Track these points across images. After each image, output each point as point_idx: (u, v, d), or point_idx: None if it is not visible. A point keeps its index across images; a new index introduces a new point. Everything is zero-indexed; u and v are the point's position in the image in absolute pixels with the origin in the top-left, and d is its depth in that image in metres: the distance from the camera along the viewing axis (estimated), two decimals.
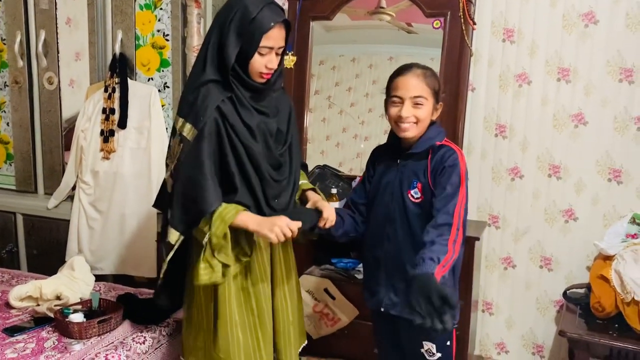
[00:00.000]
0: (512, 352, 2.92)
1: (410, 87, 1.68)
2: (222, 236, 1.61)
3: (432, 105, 1.69)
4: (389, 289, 1.77)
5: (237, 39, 1.64)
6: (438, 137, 1.71)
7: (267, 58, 1.66)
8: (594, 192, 2.66)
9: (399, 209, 1.70)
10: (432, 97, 1.69)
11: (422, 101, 1.67)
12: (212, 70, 1.67)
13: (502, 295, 2.90)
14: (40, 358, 1.83)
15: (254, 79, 1.70)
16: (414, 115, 1.68)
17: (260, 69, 1.67)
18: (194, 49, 2.74)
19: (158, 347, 2.02)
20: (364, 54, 3.13)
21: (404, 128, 1.70)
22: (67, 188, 3.00)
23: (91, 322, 1.96)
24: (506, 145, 2.78)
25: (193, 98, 1.67)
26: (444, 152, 1.67)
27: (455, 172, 1.64)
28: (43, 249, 3.14)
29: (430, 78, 1.68)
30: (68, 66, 3.04)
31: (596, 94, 2.60)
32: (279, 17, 1.66)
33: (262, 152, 1.70)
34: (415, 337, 1.79)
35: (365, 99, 3.10)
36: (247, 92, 1.70)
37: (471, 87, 2.77)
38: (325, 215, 1.72)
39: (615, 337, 2.22)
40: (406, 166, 1.74)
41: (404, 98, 1.68)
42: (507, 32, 2.71)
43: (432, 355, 1.77)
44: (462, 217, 1.64)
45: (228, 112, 1.66)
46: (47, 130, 3.09)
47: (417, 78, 1.67)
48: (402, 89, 1.68)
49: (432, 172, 1.67)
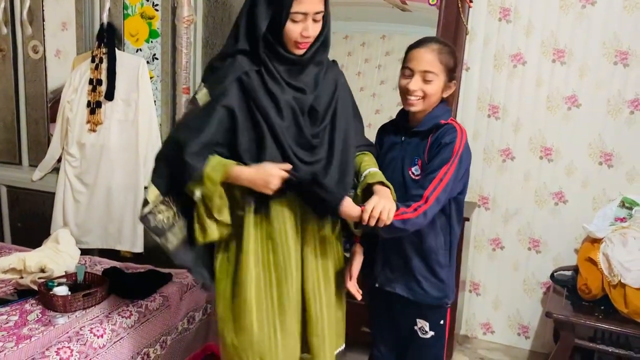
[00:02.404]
0: (497, 332, 2.95)
1: (422, 60, 1.64)
2: (212, 197, 1.51)
3: (444, 82, 1.66)
4: (385, 265, 1.77)
5: (267, 6, 1.51)
6: (443, 116, 1.69)
7: (301, 25, 1.51)
8: (585, 175, 2.66)
9: (398, 185, 1.69)
10: (445, 74, 1.65)
11: (432, 77, 1.64)
12: (244, 40, 1.54)
13: (489, 276, 2.91)
14: (23, 330, 1.80)
15: (290, 50, 1.55)
16: (422, 89, 1.65)
17: (295, 38, 1.52)
18: (184, 19, 2.68)
19: (144, 322, 2.00)
20: (357, 32, 3.07)
21: (410, 101, 1.67)
22: (52, 160, 2.95)
23: (76, 295, 1.94)
24: (499, 126, 2.77)
25: (218, 66, 1.57)
26: (445, 130, 1.65)
27: (449, 149, 1.61)
28: (27, 221, 3.10)
29: (445, 55, 1.64)
30: (54, 36, 2.96)
31: (591, 76, 2.58)
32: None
33: (289, 131, 1.56)
34: (408, 315, 1.79)
35: (357, 77, 3.06)
36: (281, 65, 1.55)
37: (465, 66, 2.74)
38: (368, 207, 1.49)
39: (601, 318, 2.24)
40: (410, 144, 1.72)
41: (415, 71, 1.65)
42: (503, 11, 2.67)
43: (424, 333, 1.77)
44: (439, 191, 1.59)
45: (251, 85, 1.53)
46: (32, 101, 3.02)
47: (431, 53, 1.64)
48: (414, 62, 1.65)
49: (429, 148, 1.65)
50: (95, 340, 1.79)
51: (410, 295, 1.73)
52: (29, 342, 1.74)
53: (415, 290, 1.72)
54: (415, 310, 1.76)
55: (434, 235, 1.69)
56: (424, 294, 1.71)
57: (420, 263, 1.71)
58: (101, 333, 1.82)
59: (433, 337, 1.77)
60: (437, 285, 1.72)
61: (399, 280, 1.74)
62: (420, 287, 1.71)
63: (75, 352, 1.71)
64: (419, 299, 1.72)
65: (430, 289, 1.71)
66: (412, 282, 1.72)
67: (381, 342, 1.95)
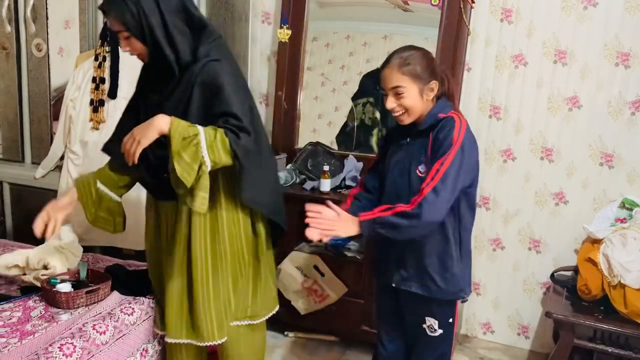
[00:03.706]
0: (497, 332, 2.96)
1: (387, 79, 1.68)
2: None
3: (418, 90, 1.67)
4: (400, 265, 1.78)
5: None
6: (443, 110, 1.70)
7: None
8: (585, 175, 2.67)
9: (405, 185, 1.70)
10: (414, 82, 1.66)
11: (402, 90, 1.66)
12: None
13: (489, 276, 2.92)
14: (26, 326, 1.81)
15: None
16: (399, 105, 1.68)
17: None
18: None
19: (146, 319, 2.00)
20: (358, 32, 3.09)
21: (398, 118, 1.73)
22: (55, 158, 2.95)
23: (79, 292, 1.95)
24: (500, 127, 2.78)
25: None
26: (444, 122, 1.66)
27: (447, 140, 1.62)
28: (30, 218, 3.09)
29: (406, 66, 1.65)
30: (57, 34, 2.97)
31: (592, 77, 2.59)
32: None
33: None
34: (418, 313, 1.80)
35: (359, 77, 3.07)
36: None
37: (467, 67, 2.75)
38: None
39: (601, 319, 2.25)
40: (415, 144, 1.74)
41: (386, 90, 1.69)
42: (505, 12, 2.68)
43: (433, 331, 1.79)
44: (436, 182, 1.58)
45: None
46: (35, 99, 3.02)
47: (391, 69, 1.67)
48: (383, 82, 1.70)
49: (432, 144, 1.67)
50: (98, 337, 1.80)
51: (427, 293, 1.74)
52: (33, 338, 1.75)
53: (430, 287, 1.73)
54: (425, 308, 1.78)
55: (443, 230, 1.70)
56: (439, 290, 1.73)
57: (432, 260, 1.72)
58: (104, 329, 1.83)
59: (441, 335, 1.79)
60: (451, 280, 1.73)
61: (414, 279, 1.75)
62: (435, 283, 1.72)
63: (78, 348, 1.72)
64: (435, 295, 1.73)
65: (444, 285, 1.72)
66: (427, 279, 1.73)
67: (388, 340, 1.97)
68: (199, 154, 1.59)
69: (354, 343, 2.82)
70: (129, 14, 1.63)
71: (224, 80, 1.68)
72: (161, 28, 1.66)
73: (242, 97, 1.72)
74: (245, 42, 3.17)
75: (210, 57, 1.70)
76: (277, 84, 3.04)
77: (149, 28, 1.65)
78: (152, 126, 1.61)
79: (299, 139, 3.10)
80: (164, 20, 1.66)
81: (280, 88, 3.03)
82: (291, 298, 2.72)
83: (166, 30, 1.67)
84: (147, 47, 1.70)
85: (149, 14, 1.64)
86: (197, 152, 1.58)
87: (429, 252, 1.72)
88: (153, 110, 1.69)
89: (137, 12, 1.63)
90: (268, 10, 3.15)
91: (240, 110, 1.67)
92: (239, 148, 1.64)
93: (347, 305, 2.68)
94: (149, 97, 1.81)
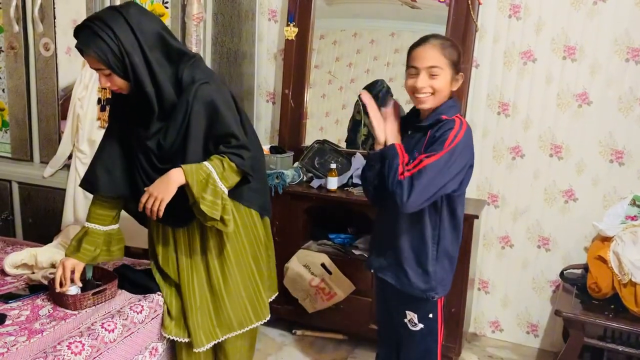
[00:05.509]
0: (506, 330, 2.94)
1: (426, 57, 1.65)
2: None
3: (451, 76, 1.67)
4: (379, 252, 1.82)
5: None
6: (448, 111, 1.68)
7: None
8: (595, 172, 2.64)
9: None
10: (450, 67, 1.66)
11: (438, 71, 1.64)
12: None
13: (498, 274, 2.90)
14: (35, 325, 1.82)
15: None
16: (430, 85, 1.66)
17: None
18: (193, 17, 2.69)
19: (155, 317, 2.01)
20: (366, 29, 3.07)
21: (420, 99, 1.68)
22: (63, 157, 2.96)
23: (85, 295, 1.95)
24: (508, 124, 2.76)
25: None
26: (444, 123, 1.65)
27: (440, 141, 1.61)
28: (39, 217, 3.12)
29: (448, 49, 1.66)
30: (65, 34, 2.97)
31: (601, 73, 2.56)
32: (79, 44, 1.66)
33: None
34: (399, 307, 1.82)
35: (366, 75, 3.06)
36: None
37: (475, 63, 2.73)
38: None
39: (611, 317, 2.23)
40: (413, 138, 1.73)
41: (420, 68, 1.66)
42: (513, 8, 2.66)
43: (414, 325, 1.79)
44: (411, 173, 1.58)
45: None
46: (43, 98, 3.04)
47: (434, 48, 1.65)
48: (418, 60, 1.67)
49: (427, 142, 1.66)
50: (107, 335, 1.80)
51: (398, 284, 1.76)
52: (41, 336, 1.75)
53: (402, 280, 1.75)
54: (405, 301, 1.79)
55: (421, 227, 1.71)
56: (410, 285, 1.74)
57: (408, 254, 1.74)
58: (112, 327, 1.83)
59: (422, 330, 1.79)
60: (423, 278, 1.73)
61: (389, 269, 1.78)
62: (407, 278, 1.74)
63: (87, 346, 1.72)
64: (405, 289, 1.75)
65: (416, 280, 1.73)
66: (400, 272, 1.75)
67: (382, 341, 2.00)
68: (217, 190, 1.73)
69: (362, 341, 2.81)
70: (111, 52, 1.62)
71: (218, 101, 1.76)
72: (143, 64, 1.67)
73: (233, 112, 1.81)
74: (251, 40, 3.17)
75: (199, 81, 1.74)
76: (284, 82, 3.04)
77: (131, 65, 1.66)
78: (172, 182, 1.71)
79: (306, 137, 3.09)
80: (145, 56, 1.67)
81: (287, 86, 3.03)
82: (299, 296, 2.72)
83: (149, 67, 1.68)
84: (129, 82, 1.71)
85: (130, 51, 1.64)
86: (215, 189, 1.73)
87: (406, 247, 1.74)
88: (153, 146, 1.78)
89: (118, 50, 1.63)
90: (275, 7, 3.15)
91: (236, 128, 1.78)
92: (247, 167, 1.79)
93: (354, 303, 2.67)
94: (134, 130, 1.81)
